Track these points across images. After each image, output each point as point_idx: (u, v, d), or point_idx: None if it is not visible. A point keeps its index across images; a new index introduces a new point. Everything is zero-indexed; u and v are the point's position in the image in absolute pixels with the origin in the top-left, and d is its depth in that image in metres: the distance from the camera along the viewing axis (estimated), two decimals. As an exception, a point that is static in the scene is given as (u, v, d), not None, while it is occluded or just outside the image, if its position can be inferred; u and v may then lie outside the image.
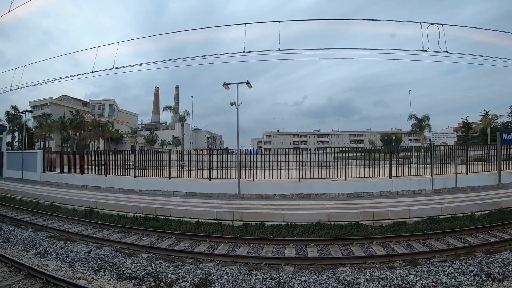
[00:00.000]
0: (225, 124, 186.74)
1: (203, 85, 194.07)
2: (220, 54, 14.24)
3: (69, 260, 7.46)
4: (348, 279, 5.70)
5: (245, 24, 11.95)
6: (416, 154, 24.16)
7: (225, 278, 5.88)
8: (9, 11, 12.66)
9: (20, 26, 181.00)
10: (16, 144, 49.07)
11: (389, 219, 10.37)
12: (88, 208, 13.06)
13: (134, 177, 18.07)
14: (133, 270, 6.57)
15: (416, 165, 18.50)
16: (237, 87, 15.26)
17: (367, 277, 5.76)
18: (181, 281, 5.87)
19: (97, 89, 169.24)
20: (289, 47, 12.70)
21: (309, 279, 5.75)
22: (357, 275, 5.89)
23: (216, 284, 5.68)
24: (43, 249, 8.28)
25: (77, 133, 47.69)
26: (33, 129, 50.36)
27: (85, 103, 77.18)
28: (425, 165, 17.52)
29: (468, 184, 16.22)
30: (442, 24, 11.17)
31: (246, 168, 16.57)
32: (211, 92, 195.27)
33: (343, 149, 18.62)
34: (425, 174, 16.49)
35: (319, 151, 22.47)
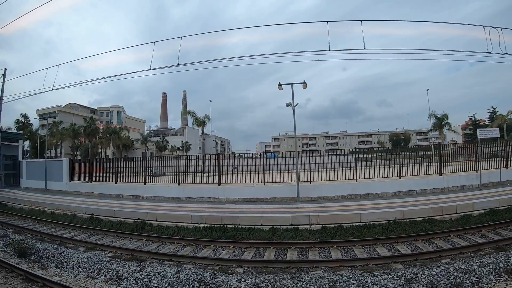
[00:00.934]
0: (227, 128, 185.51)
1: (206, 90, 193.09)
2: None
3: (156, 286, 6.04)
4: (463, 267, 5.98)
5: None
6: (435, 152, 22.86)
7: (354, 284, 5.50)
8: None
9: (22, 36, 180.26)
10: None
11: (456, 213, 10.53)
12: (139, 220, 11.40)
13: (179, 184, 16.59)
14: (248, 290, 5.50)
15: (433, 163, 18.10)
16: (292, 88, 14.70)
17: (477, 263, 6.13)
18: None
19: (100, 97, 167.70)
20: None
21: (431, 272, 5.81)
22: (468, 263, 6.20)
23: None
24: (114, 274, 6.69)
25: (90, 141, 45.96)
26: (44, 137, 48.75)
27: (93, 110, 75.33)
28: (445, 163, 17.37)
29: (508, 177, 16.48)
30: (501, 28, 11.77)
31: (270, 172, 16.37)
32: (213, 97, 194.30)
33: (393, 148, 17.50)
34: (459, 170, 16.83)
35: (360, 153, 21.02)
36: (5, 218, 13.71)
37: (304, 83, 14.50)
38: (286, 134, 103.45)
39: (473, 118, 63.22)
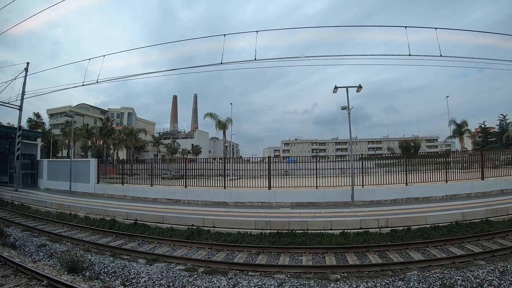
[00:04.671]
0: (234, 132, 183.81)
1: (212, 94, 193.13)
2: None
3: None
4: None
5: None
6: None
7: (459, 279, 5.72)
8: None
9: (30, 37, 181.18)
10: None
11: (508, 214, 10.88)
12: (193, 227, 10.36)
13: (225, 188, 15.68)
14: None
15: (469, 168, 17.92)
16: (347, 91, 14.16)
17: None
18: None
19: (106, 99, 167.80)
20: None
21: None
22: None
23: (458, 287, 5.51)
24: None
25: (105, 141, 44.98)
26: (56, 136, 47.95)
27: (103, 111, 74.59)
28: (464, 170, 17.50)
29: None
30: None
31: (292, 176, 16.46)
32: (220, 101, 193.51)
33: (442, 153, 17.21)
34: (497, 175, 17.20)
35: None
36: (32, 222, 12.49)
37: (360, 86, 13.82)
38: (296, 139, 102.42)
39: (483, 126, 62.06)
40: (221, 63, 12.40)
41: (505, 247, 7.74)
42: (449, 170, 16.53)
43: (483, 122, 60.45)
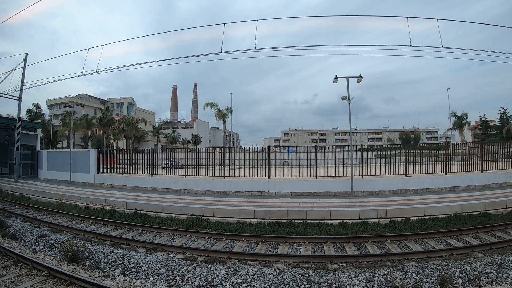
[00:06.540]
0: (234, 122, 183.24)
1: (211, 84, 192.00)
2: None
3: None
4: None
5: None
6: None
7: (457, 271, 5.76)
8: None
9: (27, 27, 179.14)
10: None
11: (506, 207, 10.90)
12: (193, 216, 10.40)
13: (224, 177, 15.74)
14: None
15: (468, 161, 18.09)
16: (347, 81, 14.13)
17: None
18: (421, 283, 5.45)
19: (106, 89, 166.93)
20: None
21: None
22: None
23: (455, 278, 5.54)
24: (204, 280, 5.68)
25: (105, 131, 44.99)
26: (56, 127, 47.93)
27: (103, 102, 74.19)
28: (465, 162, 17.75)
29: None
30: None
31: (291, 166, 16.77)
32: (219, 91, 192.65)
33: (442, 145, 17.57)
34: (496, 168, 17.28)
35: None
36: (32, 213, 12.46)
37: (360, 76, 13.81)
38: (296, 129, 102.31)
39: (484, 119, 62.07)
40: (221, 52, 12.33)
41: (503, 240, 7.79)
42: (449, 162, 16.58)
43: (484, 115, 60.48)
